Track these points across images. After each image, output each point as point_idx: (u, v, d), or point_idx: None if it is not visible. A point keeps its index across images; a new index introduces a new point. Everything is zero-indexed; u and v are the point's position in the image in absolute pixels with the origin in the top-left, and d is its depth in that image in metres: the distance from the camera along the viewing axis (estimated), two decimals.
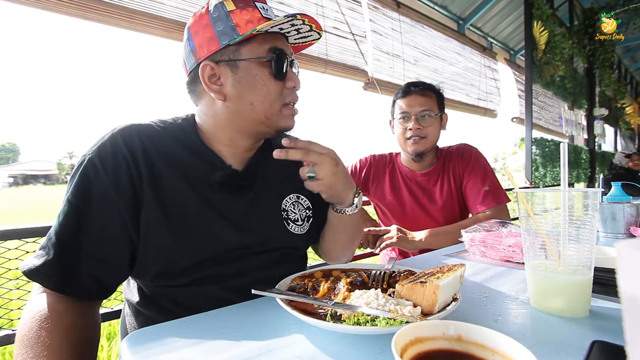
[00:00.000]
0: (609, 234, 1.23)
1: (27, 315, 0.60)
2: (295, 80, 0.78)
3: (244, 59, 0.72)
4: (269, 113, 0.75)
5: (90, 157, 0.67)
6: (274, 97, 0.75)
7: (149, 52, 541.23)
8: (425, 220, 1.47)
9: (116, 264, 0.68)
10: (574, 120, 5.07)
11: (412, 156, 1.47)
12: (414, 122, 1.41)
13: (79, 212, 0.65)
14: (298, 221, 0.86)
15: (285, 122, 0.78)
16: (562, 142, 0.65)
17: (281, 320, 0.58)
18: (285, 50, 0.75)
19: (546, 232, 0.59)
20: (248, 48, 0.73)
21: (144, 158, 0.70)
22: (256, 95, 0.74)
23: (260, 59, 0.73)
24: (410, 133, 1.42)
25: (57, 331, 0.58)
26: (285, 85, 0.77)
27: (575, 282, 0.57)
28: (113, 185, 0.66)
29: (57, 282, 0.63)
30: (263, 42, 0.73)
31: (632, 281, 0.20)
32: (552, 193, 0.60)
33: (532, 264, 0.62)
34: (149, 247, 0.68)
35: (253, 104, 0.74)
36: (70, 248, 0.64)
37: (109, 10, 1.56)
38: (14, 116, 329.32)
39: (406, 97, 1.44)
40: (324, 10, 2.59)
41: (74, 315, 0.62)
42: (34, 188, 60.46)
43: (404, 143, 1.46)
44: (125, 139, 0.70)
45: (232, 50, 0.73)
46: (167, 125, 0.78)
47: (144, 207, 0.68)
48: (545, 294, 0.60)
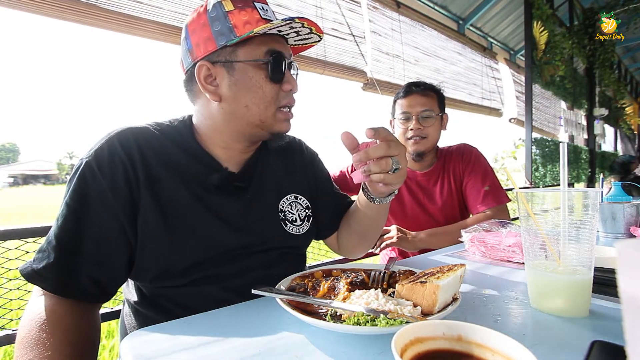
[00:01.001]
0: (609, 234, 1.23)
1: (27, 317, 0.60)
2: (293, 83, 0.77)
3: (241, 60, 0.72)
4: (264, 116, 0.75)
5: (88, 161, 0.67)
6: (269, 100, 0.74)
7: (147, 55, 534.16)
8: (425, 220, 1.47)
9: (115, 266, 0.68)
10: (574, 120, 5.07)
11: (412, 156, 1.47)
12: (415, 122, 1.41)
13: (77, 215, 0.65)
14: (296, 221, 0.86)
15: (280, 126, 0.78)
16: (562, 142, 0.65)
17: (281, 320, 0.58)
18: (283, 53, 0.74)
19: (546, 232, 0.59)
20: (245, 50, 0.72)
21: (141, 161, 0.70)
22: (251, 97, 0.73)
23: (257, 61, 0.72)
24: (411, 133, 1.42)
25: (57, 333, 0.58)
26: (282, 88, 0.76)
27: (575, 282, 0.57)
28: (110, 188, 0.66)
29: (56, 284, 0.63)
30: (260, 44, 0.73)
31: (632, 281, 0.20)
32: (552, 193, 0.60)
33: (532, 264, 0.62)
34: (146, 249, 0.68)
35: (248, 106, 0.74)
36: (70, 251, 0.64)
37: (107, 15, 1.57)
38: (14, 116, 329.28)
39: (407, 97, 1.44)
40: (323, 12, 2.58)
41: (74, 317, 0.62)
42: (34, 188, 60.47)
43: (405, 143, 1.46)
44: (122, 142, 0.70)
45: (229, 52, 0.72)
46: (164, 127, 0.78)
47: (142, 210, 0.68)
48: (546, 294, 0.60)
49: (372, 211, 0.86)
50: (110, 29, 1.62)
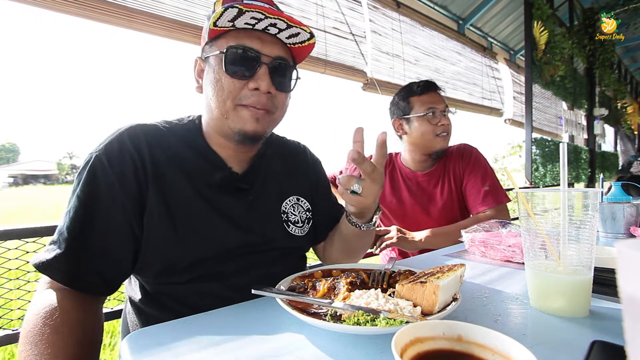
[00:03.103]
0: (609, 234, 1.23)
1: (32, 311, 0.61)
2: (260, 82, 0.72)
3: (212, 55, 0.74)
4: (223, 110, 0.74)
5: (98, 155, 0.69)
6: (226, 94, 0.72)
7: (150, 52, 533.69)
8: (426, 221, 1.47)
9: (121, 259, 0.69)
10: (574, 120, 5.07)
11: (435, 155, 1.46)
12: (444, 118, 1.41)
13: (86, 207, 0.66)
14: (298, 223, 0.87)
15: (242, 123, 0.73)
16: (562, 142, 0.65)
17: (281, 320, 0.58)
18: (250, 48, 0.71)
19: (546, 232, 0.59)
20: (217, 44, 0.74)
21: (149, 157, 0.71)
22: (212, 89, 0.74)
23: (216, 54, 0.73)
24: (441, 129, 1.41)
25: (61, 329, 0.58)
26: (247, 85, 0.73)
27: (575, 282, 0.57)
28: (120, 182, 0.68)
29: (65, 275, 0.64)
30: (230, 39, 0.72)
31: (632, 281, 0.20)
32: (552, 193, 0.60)
33: (532, 264, 0.62)
34: (151, 244, 0.69)
35: (210, 98, 0.75)
36: (79, 243, 0.65)
37: (109, 9, 1.56)
38: (14, 116, 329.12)
39: (427, 93, 1.43)
40: (324, 10, 2.59)
41: (79, 313, 0.63)
42: (34, 188, 60.48)
43: (433, 140, 1.42)
44: (131, 138, 0.71)
45: (209, 46, 0.75)
46: (173, 125, 0.80)
47: (148, 205, 0.70)
48: (546, 294, 0.60)
49: (355, 234, 0.86)
50: (113, 23, 1.61)
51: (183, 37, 1.82)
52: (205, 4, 1.89)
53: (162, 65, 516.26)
